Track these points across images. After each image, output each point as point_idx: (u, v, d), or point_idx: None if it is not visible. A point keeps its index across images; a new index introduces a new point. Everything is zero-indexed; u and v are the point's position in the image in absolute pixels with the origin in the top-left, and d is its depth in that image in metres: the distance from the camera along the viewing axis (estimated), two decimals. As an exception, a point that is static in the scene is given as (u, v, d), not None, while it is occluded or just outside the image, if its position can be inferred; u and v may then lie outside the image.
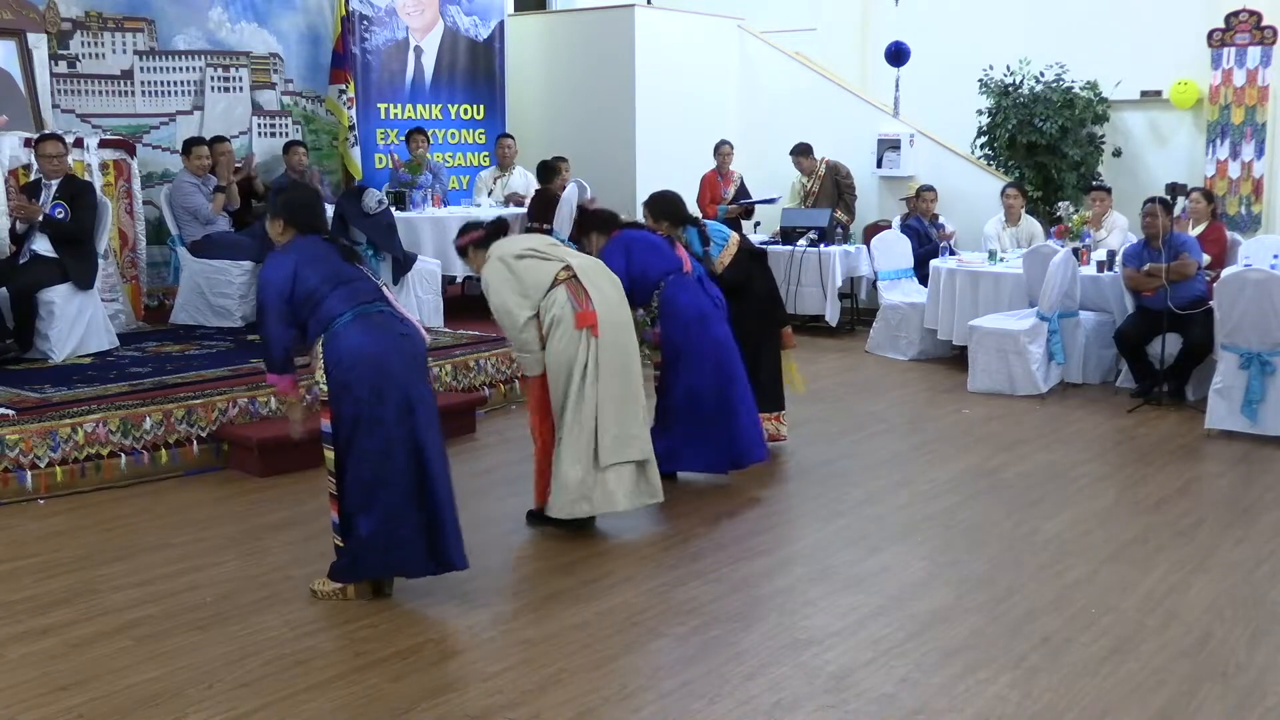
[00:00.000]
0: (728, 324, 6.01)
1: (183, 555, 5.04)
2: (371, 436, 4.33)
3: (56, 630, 4.25)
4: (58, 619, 4.35)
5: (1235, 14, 11.21)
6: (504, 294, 5.16)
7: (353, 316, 4.35)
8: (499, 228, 5.50)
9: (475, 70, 11.57)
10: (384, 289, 4.54)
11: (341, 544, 4.46)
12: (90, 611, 4.42)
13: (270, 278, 4.41)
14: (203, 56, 9.75)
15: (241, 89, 10.02)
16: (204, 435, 6.38)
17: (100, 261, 7.70)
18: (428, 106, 11.28)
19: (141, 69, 9.43)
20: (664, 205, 6.26)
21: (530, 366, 5.26)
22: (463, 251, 5.53)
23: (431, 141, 10.64)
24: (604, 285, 5.27)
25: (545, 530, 5.37)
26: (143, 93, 9.47)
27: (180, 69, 9.65)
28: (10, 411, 6.00)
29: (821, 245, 10.41)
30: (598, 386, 5.14)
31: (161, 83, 9.57)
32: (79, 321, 7.38)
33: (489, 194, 10.67)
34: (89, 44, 9.16)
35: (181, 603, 4.51)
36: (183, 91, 9.69)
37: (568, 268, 5.20)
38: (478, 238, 5.43)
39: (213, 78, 9.82)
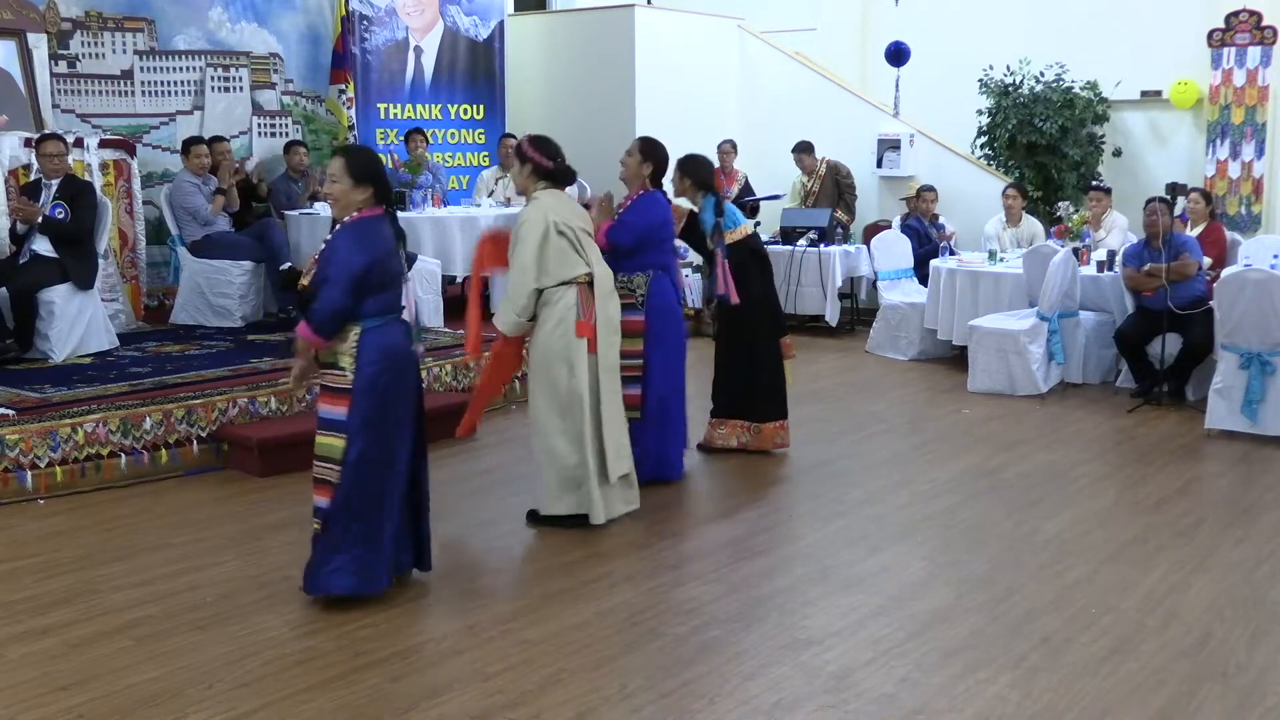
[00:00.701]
0: None
1: (183, 555, 5.04)
2: (377, 444, 4.36)
3: (56, 630, 4.25)
4: (58, 619, 4.35)
5: (1235, 14, 11.21)
6: (529, 257, 5.13)
7: (381, 323, 4.39)
8: (569, 172, 5.27)
9: (475, 70, 11.57)
10: (404, 288, 4.54)
11: (320, 528, 4.40)
12: (90, 611, 4.42)
13: (352, 260, 4.27)
14: (203, 56, 9.76)
15: (241, 89, 10.02)
16: (204, 435, 6.37)
17: (100, 261, 7.70)
18: (428, 106, 11.27)
19: (141, 69, 9.44)
20: (694, 167, 6.34)
21: (509, 328, 5.27)
22: (520, 157, 5.22)
23: (431, 141, 10.63)
24: (609, 301, 5.32)
25: (545, 530, 5.37)
26: (143, 93, 9.48)
27: (180, 69, 9.65)
28: (10, 411, 6.00)
29: (821, 245, 10.41)
30: (600, 403, 5.26)
31: (161, 83, 9.57)
32: (79, 321, 7.38)
33: (490, 194, 10.66)
34: (89, 44, 9.17)
35: (181, 603, 4.51)
36: (183, 91, 9.70)
37: (589, 274, 5.24)
38: (545, 166, 5.19)
39: (213, 78, 9.83)
